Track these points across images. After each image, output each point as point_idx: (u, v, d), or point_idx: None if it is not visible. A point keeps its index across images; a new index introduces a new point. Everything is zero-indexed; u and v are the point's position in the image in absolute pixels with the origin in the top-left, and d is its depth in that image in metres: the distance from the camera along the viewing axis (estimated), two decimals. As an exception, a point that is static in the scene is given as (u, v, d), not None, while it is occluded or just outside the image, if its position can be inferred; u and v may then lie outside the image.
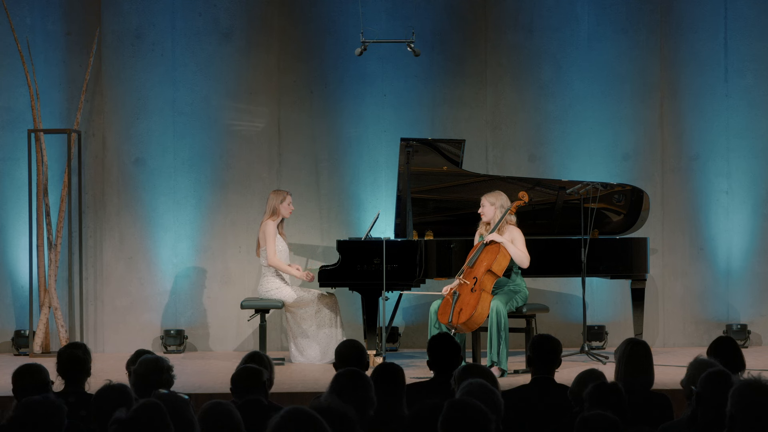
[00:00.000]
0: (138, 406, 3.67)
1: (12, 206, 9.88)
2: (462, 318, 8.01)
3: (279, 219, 8.98)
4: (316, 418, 3.33)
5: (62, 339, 9.46)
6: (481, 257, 8.17)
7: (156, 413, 3.63)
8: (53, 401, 3.83)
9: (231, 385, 4.93)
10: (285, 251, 9.03)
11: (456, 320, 8.01)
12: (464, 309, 8.03)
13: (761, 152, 10.03)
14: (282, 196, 9.00)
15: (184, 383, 7.43)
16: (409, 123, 9.93)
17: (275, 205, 8.95)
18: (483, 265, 8.14)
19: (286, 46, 10.06)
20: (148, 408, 3.64)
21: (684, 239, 10.07)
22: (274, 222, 8.93)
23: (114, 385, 4.53)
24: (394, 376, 4.74)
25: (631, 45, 10.07)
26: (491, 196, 8.40)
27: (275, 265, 8.87)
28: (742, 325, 9.89)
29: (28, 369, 5.09)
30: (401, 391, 4.76)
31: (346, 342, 5.64)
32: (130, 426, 3.60)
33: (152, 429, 3.59)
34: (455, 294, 8.08)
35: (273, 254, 8.87)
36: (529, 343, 5.34)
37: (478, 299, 8.02)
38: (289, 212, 9.02)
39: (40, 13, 9.89)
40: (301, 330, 8.88)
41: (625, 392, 4.40)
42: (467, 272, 8.17)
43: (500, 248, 8.18)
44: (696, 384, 4.19)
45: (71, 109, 9.83)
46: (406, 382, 4.85)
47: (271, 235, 8.88)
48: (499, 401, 4.19)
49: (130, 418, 3.61)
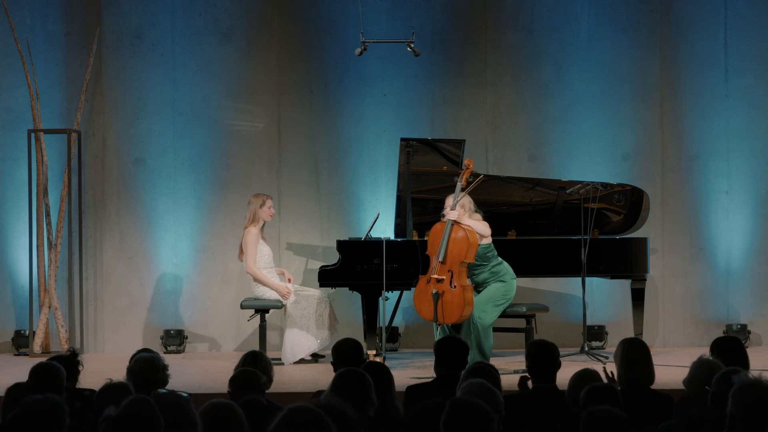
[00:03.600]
0: (128, 402, 3.67)
1: (12, 206, 9.87)
2: (452, 319, 8.02)
3: (261, 224, 8.96)
4: (320, 416, 3.33)
5: (62, 339, 9.47)
6: (451, 249, 8.04)
7: (146, 409, 3.63)
8: (55, 400, 3.83)
9: (229, 388, 4.93)
10: (269, 255, 9.01)
11: (444, 321, 8.01)
12: (452, 310, 7.99)
13: (761, 152, 10.03)
14: (261, 199, 8.95)
15: (184, 383, 7.42)
16: (409, 123, 9.93)
17: (255, 210, 8.91)
18: (456, 258, 8.04)
19: (286, 46, 10.06)
20: (137, 404, 3.64)
21: (684, 239, 10.07)
22: (255, 228, 8.90)
23: (115, 383, 4.53)
24: (380, 374, 4.75)
25: (631, 45, 10.07)
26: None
27: (253, 274, 8.87)
28: (742, 325, 9.90)
29: (47, 368, 5.06)
30: (391, 388, 4.79)
31: (344, 340, 5.64)
32: (121, 423, 3.60)
33: (142, 425, 3.59)
34: (436, 294, 7.95)
35: (251, 264, 8.85)
36: (525, 352, 5.32)
37: (462, 296, 7.98)
38: (269, 215, 8.98)
39: (40, 13, 9.89)
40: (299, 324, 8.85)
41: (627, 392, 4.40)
42: (440, 268, 8.04)
43: (466, 235, 8.04)
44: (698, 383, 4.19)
45: (71, 109, 9.83)
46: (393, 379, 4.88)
47: (252, 244, 8.84)
48: (499, 401, 4.19)
49: (120, 415, 3.61)
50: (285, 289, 8.86)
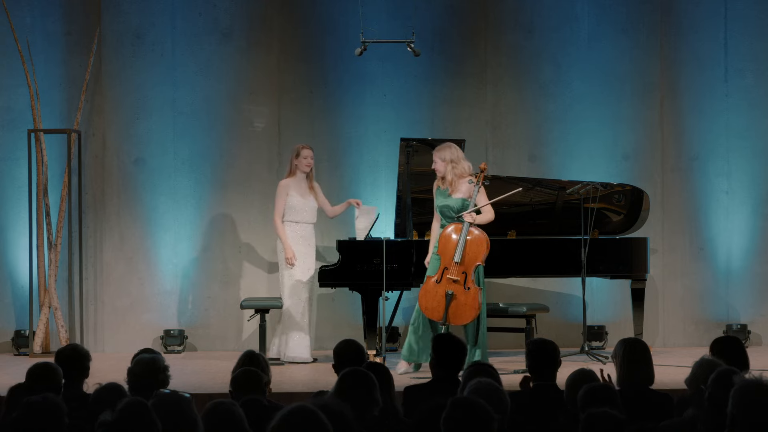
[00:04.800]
0: (122, 406, 3.66)
1: (12, 206, 9.88)
2: (463, 321, 7.91)
3: (298, 176, 8.82)
4: (319, 416, 3.33)
5: (62, 339, 9.47)
6: (468, 251, 7.95)
7: (141, 412, 3.62)
8: (54, 401, 3.82)
9: (230, 387, 4.93)
10: (306, 209, 8.81)
11: (455, 321, 7.92)
12: (465, 311, 7.88)
13: (761, 152, 10.03)
14: (297, 150, 8.86)
15: (184, 383, 7.42)
16: (409, 123, 9.93)
17: (291, 161, 8.86)
18: (472, 259, 7.97)
19: (286, 46, 10.06)
20: (132, 407, 3.63)
21: (684, 239, 10.08)
22: (288, 180, 8.79)
23: (107, 385, 4.52)
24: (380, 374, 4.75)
25: (631, 45, 10.07)
26: (441, 152, 8.14)
27: (275, 224, 8.78)
28: (742, 325, 9.90)
29: (44, 368, 5.05)
30: (391, 388, 4.80)
31: (345, 342, 5.63)
32: (116, 428, 3.59)
33: (138, 428, 3.58)
34: (450, 294, 7.90)
35: (275, 216, 8.77)
36: (526, 351, 5.31)
37: (477, 298, 7.91)
38: (306, 165, 8.82)
39: (40, 13, 9.89)
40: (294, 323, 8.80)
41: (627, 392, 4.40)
42: (456, 268, 7.95)
43: (482, 237, 7.98)
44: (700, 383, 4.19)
45: (71, 109, 9.83)
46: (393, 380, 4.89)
47: (278, 195, 8.77)
48: (505, 400, 4.19)
49: (116, 420, 3.60)
50: (290, 253, 8.73)
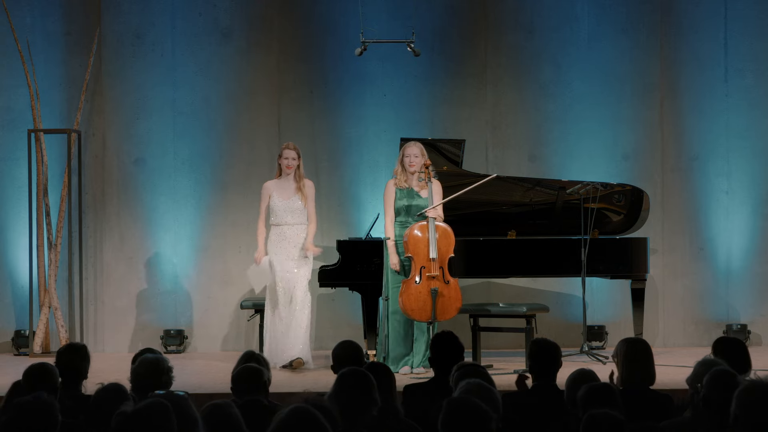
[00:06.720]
0: (145, 403, 3.65)
1: (12, 206, 9.88)
2: (450, 314, 7.98)
3: (283, 176, 8.65)
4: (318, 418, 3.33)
5: (62, 339, 9.46)
6: (440, 245, 7.99)
7: (162, 412, 3.61)
8: (46, 401, 3.80)
9: (232, 385, 4.92)
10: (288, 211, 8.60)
11: (442, 317, 7.95)
12: (450, 305, 7.95)
13: (761, 152, 10.03)
14: (281, 149, 8.74)
15: (184, 383, 7.41)
16: (409, 123, 9.93)
17: (277, 160, 8.77)
18: (446, 253, 8.02)
19: (286, 47, 10.06)
20: (154, 406, 3.62)
21: (684, 239, 10.07)
22: (270, 182, 8.68)
23: (108, 385, 4.50)
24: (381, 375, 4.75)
25: (631, 45, 10.07)
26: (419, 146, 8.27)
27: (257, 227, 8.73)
28: (742, 325, 9.90)
29: (41, 369, 5.03)
30: (392, 389, 4.80)
31: (344, 343, 5.62)
32: (134, 420, 3.58)
33: (156, 425, 3.57)
34: (435, 291, 7.89)
35: (259, 218, 8.69)
36: (527, 350, 5.31)
37: (457, 289, 8.00)
38: (287, 167, 8.62)
39: (40, 13, 9.89)
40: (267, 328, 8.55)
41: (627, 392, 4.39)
42: (432, 265, 7.96)
43: (447, 229, 8.06)
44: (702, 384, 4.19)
45: (71, 109, 9.83)
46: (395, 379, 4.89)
47: (261, 197, 8.67)
48: (497, 399, 4.19)
49: (135, 412, 3.59)
50: (258, 254, 8.59)
